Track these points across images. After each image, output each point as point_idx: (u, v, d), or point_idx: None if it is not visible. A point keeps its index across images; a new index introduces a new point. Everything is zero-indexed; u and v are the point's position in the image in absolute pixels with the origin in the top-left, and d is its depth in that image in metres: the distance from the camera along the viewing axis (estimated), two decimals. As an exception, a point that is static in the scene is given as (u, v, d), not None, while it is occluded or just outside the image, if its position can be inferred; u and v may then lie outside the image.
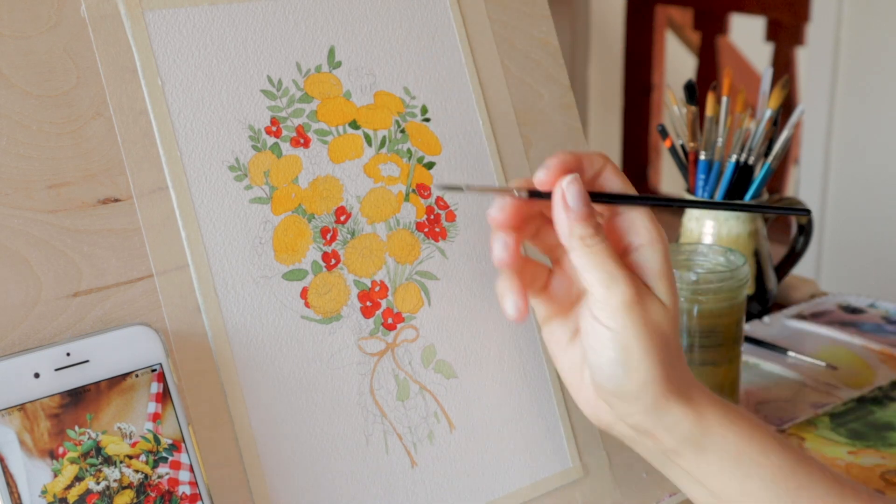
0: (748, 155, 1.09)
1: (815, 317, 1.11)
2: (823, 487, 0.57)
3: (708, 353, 0.85)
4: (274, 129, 0.62)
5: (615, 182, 0.59)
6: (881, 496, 0.59)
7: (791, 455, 0.57)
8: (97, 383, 0.52)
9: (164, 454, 0.53)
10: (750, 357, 1.01)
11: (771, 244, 1.13)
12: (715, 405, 0.58)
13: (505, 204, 0.58)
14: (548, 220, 0.59)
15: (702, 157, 1.09)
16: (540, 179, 0.58)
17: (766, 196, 1.10)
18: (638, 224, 0.59)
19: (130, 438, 0.52)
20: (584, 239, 0.56)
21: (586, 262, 0.56)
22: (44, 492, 0.50)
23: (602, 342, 0.57)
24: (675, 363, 0.57)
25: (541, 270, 0.61)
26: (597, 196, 0.58)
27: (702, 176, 1.10)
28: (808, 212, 0.65)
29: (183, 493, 0.53)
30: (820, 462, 0.59)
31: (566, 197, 0.57)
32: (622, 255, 0.59)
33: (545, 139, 0.72)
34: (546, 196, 0.58)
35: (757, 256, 1.10)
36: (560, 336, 0.61)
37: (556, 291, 0.61)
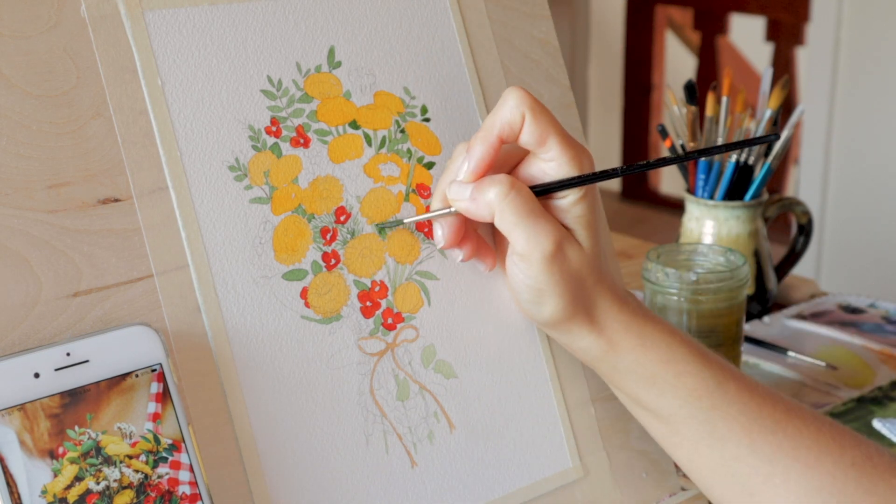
0: (748, 155, 1.09)
1: (815, 317, 1.11)
2: (738, 406, 0.62)
3: (708, 353, 0.85)
4: (274, 129, 0.62)
5: (532, 130, 0.62)
6: (801, 407, 0.63)
7: (710, 377, 0.63)
8: (97, 383, 0.52)
9: (164, 454, 0.53)
10: (750, 357, 1.01)
11: (771, 244, 1.13)
12: (629, 333, 0.63)
13: (445, 231, 0.64)
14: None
15: (702, 157, 1.09)
16: (466, 181, 0.62)
17: (766, 196, 1.10)
18: (563, 176, 0.62)
19: (130, 438, 0.52)
20: (501, 197, 0.60)
21: (509, 220, 0.61)
22: (44, 492, 0.50)
23: (518, 286, 0.63)
24: (587, 298, 0.63)
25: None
26: (537, 189, 0.62)
27: (702, 176, 1.10)
28: (777, 137, 0.66)
29: (183, 493, 0.53)
30: (745, 380, 0.64)
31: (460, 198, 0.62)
32: (547, 199, 0.63)
33: (545, 139, 0.72)
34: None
35: (757, 256, 1.10)
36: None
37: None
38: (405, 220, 0.65)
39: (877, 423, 0.86)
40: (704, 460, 0.63)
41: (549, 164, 0.62)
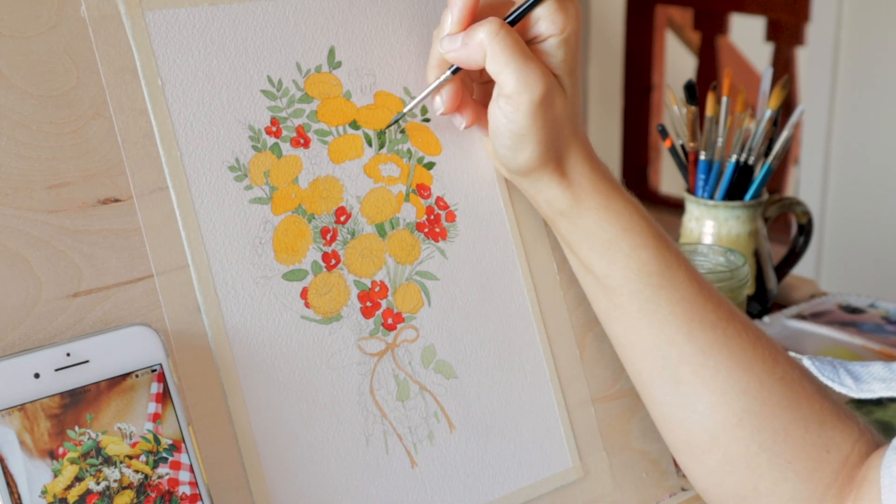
0: (748, 155, 1.09)
1: (815, 317, 1.11)
2: (685, 293, 0.62)
3: (708, 353, 0.85)
4: (274, 129, 0.62)
5: None
6: (745, 317, 0.64)
7: (664, 258, 0.63)
8: (97, 383, 0.52)
9: (164, 454, 0.53)
10: (750, 357, 1.00)
11: (771, 244, 1.13)
12: (596, 193, 0.63)
13: (444, 97, 0.64)
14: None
15: (702, 157, 1.09)
16: (453, 31, 0.62)
17: (766, 196, 1.10)
18: (544, 14, 0.62)
19: (130, 439, 0.52)
20: (492, 36, 0.60)
21: (500, 60, 0.60)
22: (44, 492, 0.50)
23: (500, 130, 0.62)
24: (561, 147, 0.63)
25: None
26: (512, 17, 0.62)
27: (702, 176, 1.10)
28: None
29: (183, 493, 0.53)
30: (697, 275, 0.64)
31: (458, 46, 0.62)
32: (529, 45, 0.62)
33: (545, 139, 0.72)
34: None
35: (757, 256, 1.10)
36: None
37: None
38: (405, 109, 0.65)
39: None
40: (640, 339, 0.63)
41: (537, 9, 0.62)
